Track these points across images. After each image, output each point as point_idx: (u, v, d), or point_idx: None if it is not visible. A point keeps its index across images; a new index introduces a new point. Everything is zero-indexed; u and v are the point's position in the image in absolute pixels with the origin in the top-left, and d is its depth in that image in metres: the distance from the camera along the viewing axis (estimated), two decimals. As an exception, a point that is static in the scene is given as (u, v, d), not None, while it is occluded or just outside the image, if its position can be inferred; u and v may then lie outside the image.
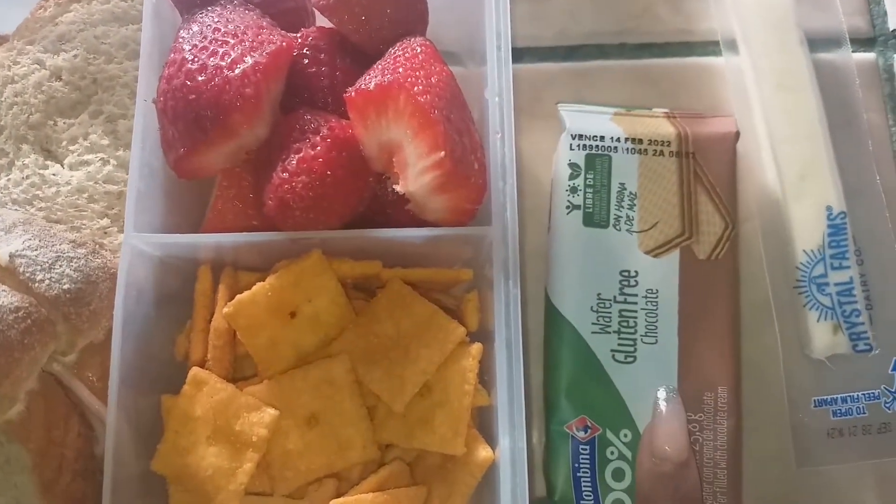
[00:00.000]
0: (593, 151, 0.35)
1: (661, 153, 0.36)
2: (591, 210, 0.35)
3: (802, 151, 0.37)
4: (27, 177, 0.31)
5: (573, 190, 0.35)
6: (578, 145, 0.36)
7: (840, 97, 0.38)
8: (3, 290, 0.27)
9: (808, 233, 0.36)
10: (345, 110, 0.30)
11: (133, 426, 0.30)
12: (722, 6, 0.40)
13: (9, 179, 0.31)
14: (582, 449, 0.33)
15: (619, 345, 0.34)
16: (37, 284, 0.27)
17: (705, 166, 0.36)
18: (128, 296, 0.29)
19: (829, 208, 0.36)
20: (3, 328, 0.26)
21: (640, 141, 0.36)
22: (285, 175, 0.29)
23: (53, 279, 0.28)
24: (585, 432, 0.33)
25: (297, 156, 0.29)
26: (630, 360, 0.34)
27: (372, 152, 0.30)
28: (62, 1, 0.33)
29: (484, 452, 0.29)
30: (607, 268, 0.35)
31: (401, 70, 0.30)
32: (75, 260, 0.29)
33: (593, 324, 0.34)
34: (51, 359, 0.29)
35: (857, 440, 0.35)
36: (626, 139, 0.36)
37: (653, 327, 0.34)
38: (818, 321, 0.35)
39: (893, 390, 0.35)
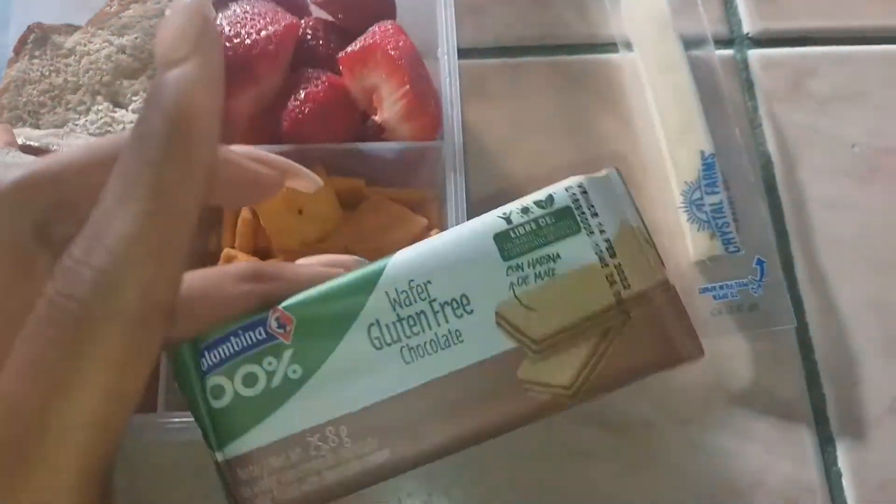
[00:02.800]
0: None
1: None
2: None
3: (681, 113, 0.49)
4: (101, 118, 0.42)
5: None
6: None
7: (708, 81, 0.51)
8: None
9: (687, 169, 0.48)
10: (337, 71, 0.42)
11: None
12: (617, 15, 0.53)
13: (87, 120, 0.42)
14: None
15: None
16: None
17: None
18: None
19: (702, 152, 0.48)
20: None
21: None
22: (297, 103, 0.40)
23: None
24: None
25: (304, 91, 0.41)
26: None
27: (358, 95, 0.42)
28: (124, 3, 0.45)
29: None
30: None
31: (377, 38, 0.42)
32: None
33: None
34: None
35: (734, 317, 0.46)
36: None
37: None
38: (698, 231, 0.47)
39: (757, 279, 0.46)
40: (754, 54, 0.54)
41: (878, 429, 0.45)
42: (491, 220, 0.22)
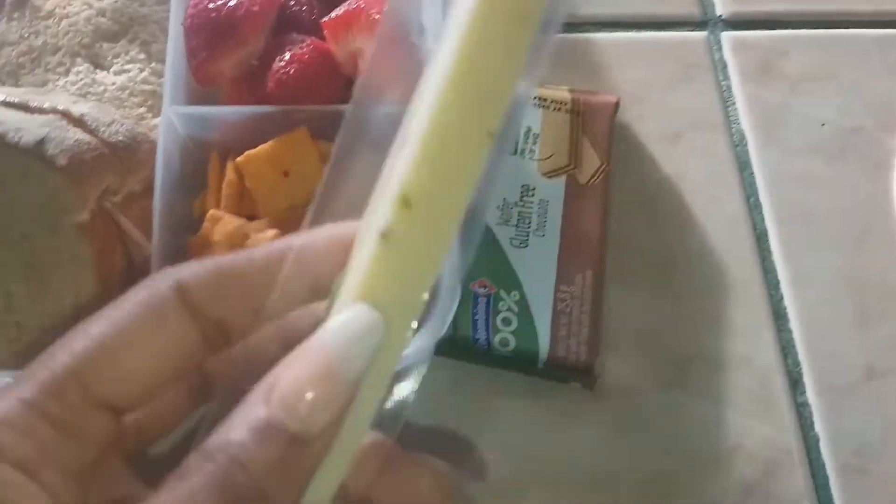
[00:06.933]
0: None
1: (559, 109, 0.49)
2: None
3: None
4: (81, 79, 0.41)
5: None
6: None
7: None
8: (79, 132, 0.36)
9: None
10: (321, 37, 0.42)
11: (168, 257, 0.39)
12: None
13: (66, 80, 0.41)
14: (481, 300, 0.43)
15: (516, 235, 0.45)
16: (101, 133, 0.37)
17: (590, 122, 0.49)
18: (166, 150, 0.39)
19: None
20: (81, 152, 0.36)
21: (545, 100, 0.48)
22: (282, 63, 0.40)
23: (112, 132, 0.38)
24: (484, 290, 0.44)
25: (290, 52, 0.40)
26: (524, 245, 0.45)
27: (342, 59, 0.42)
28: (105, -33, 0.44)
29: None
30: (513, 182, 0.46)
31: (361, 2, 0.42)
32: (125, 124, 0.39)
33: (498, 218, 0.45)
34: (103, 198, 0.38)
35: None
36: (535, 98, 0.48)
37: (542, 225, 0.46)
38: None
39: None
40: (727, 36, 0.55)
41: (852, 396, 0.46)
42: None
